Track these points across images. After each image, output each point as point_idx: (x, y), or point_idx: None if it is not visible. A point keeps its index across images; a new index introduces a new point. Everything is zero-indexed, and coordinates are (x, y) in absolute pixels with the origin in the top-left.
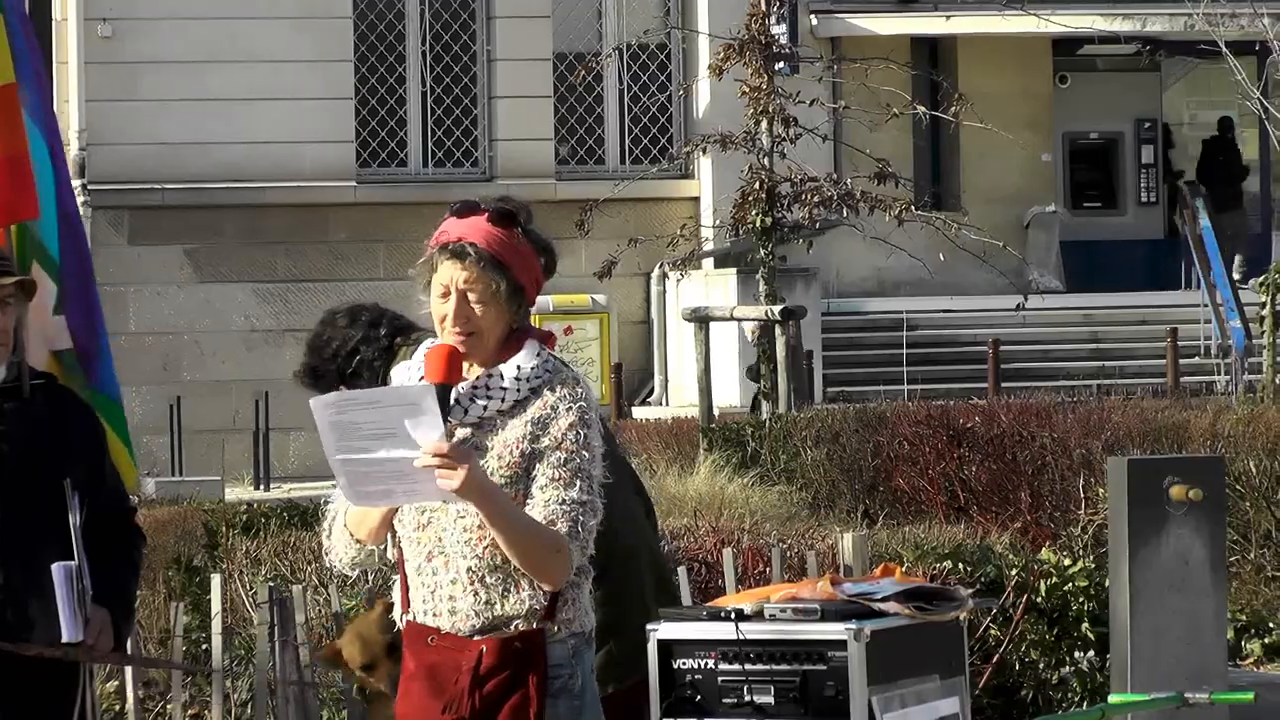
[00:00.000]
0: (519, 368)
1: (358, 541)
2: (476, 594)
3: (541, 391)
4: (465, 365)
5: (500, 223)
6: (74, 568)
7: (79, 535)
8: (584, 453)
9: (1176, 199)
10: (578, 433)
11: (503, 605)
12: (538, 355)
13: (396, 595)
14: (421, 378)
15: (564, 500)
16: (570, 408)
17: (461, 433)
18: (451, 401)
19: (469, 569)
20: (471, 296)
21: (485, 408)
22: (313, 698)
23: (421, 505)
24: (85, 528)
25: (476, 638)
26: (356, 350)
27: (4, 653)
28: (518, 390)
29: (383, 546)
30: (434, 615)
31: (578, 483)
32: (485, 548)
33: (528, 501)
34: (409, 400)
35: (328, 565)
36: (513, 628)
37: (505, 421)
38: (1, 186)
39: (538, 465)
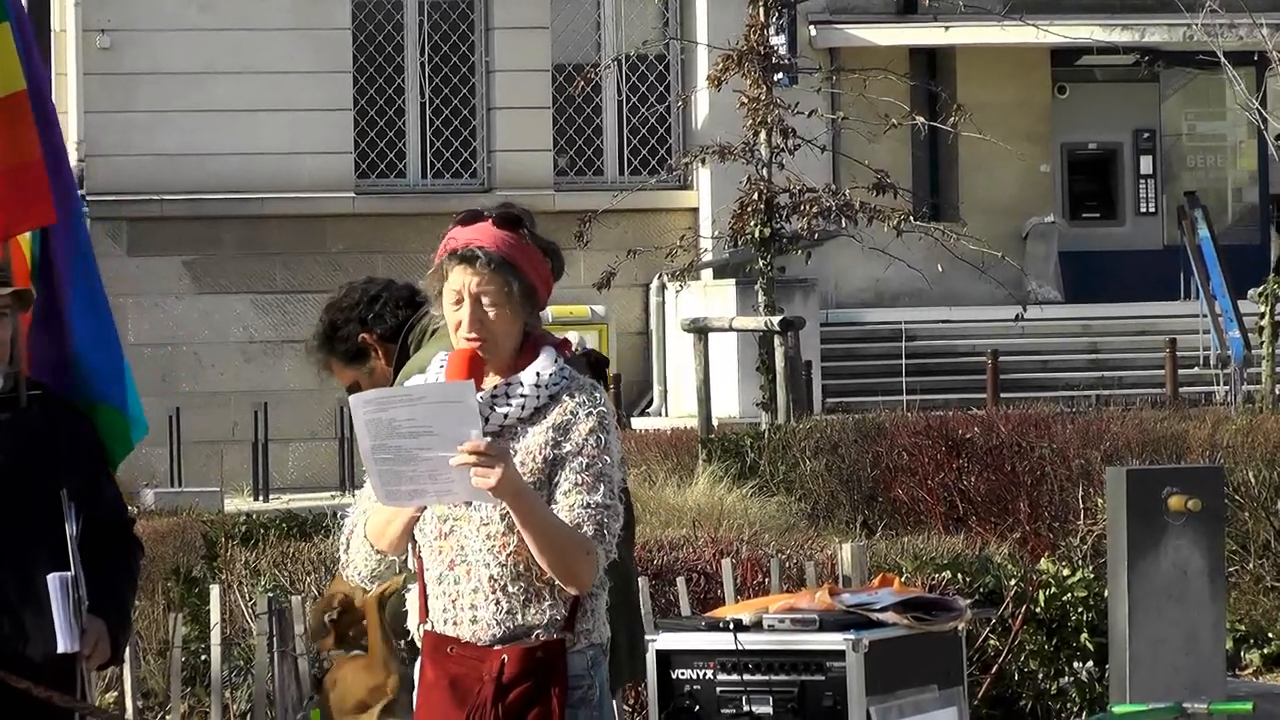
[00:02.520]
0: (539, 374)
1: (378, 552)
2: (498, 603)
3: (560, 398)
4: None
5: (506, 226)
6: (69, 578)
7: (75, 546)
8: (605, 457)
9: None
10: (598, 438)
11: (524, 615)
12: (555, 361)
13: (413, 604)
14: None
15: (588, 505)
16: (590, 413)
17: (487, 437)
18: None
19: (491, 577)
20: (485, 300)
21: (506, 415)
22: (311, 708)
23: (444, 514)
24: (82, 538)
25: (497, 647)
26: (377, 297)
27: (3, 664)
28: (538, 397)
29: (403, 557)
30: (454, 624)
31: (601, 487)
32: (508, 556)
33: (551, 507)
34: (449, 397)
35: (345, 577)
36: (534, 637)
37: (526, 429)
38: (15, 192)
39: (560, 471)
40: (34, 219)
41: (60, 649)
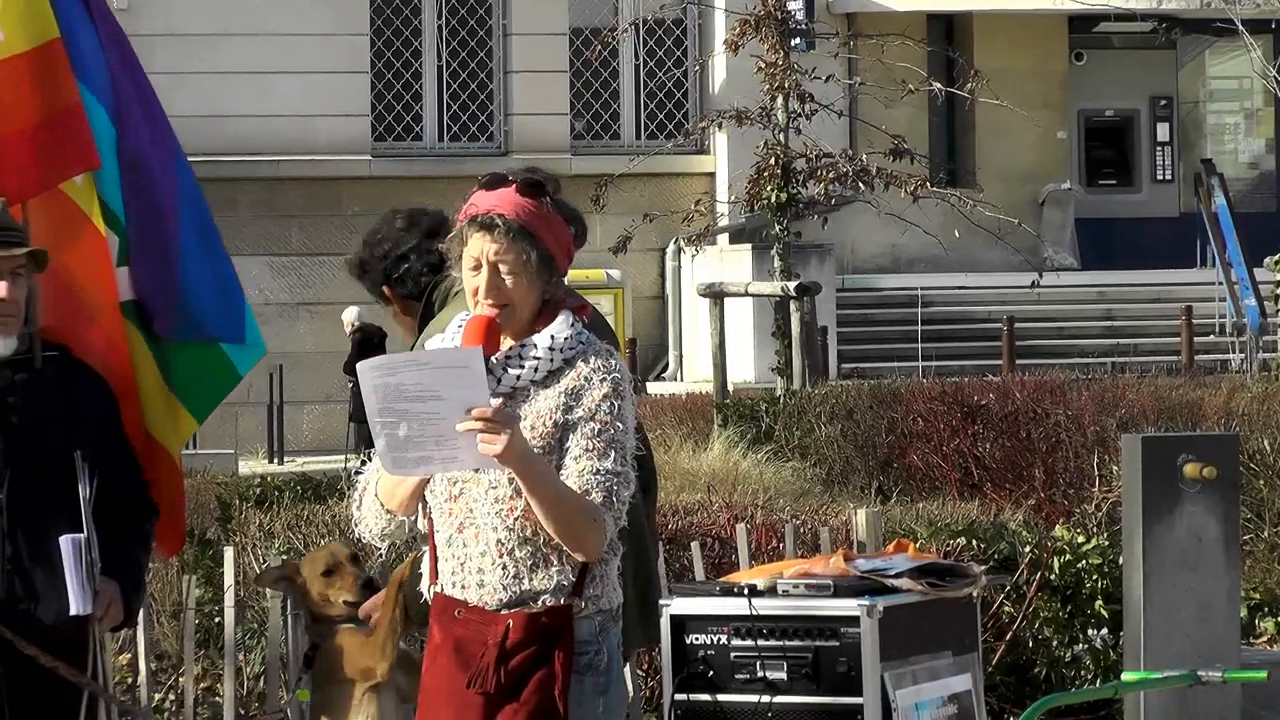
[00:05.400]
0: (553, 338)
1: (388, 512)
2: (505, 567)
3: (575, 362)
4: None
5: (529, 193)
6: (82, 540)
7: (89, 508)
8: (618, 424)
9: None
10: (611, 404)
11: (530, 580)
12: (571, 326)
13: (426, 566)
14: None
15: (598, 471)
16: (604, 379)
17: (494, 403)
18: (486, 372)
19: (498, 541)
20: (502, 268)
21: (518, 378)
22: (301, 688)
23: (454, 476)
24: (96, 501)
25: (504, 612)
26: (406, 257)
27: (15, 626)
28: (551, 361)
29: (413, 518)
30: (462, 588)
31: (611, 454)
32: (516, 520)
33: (561, 473)
34: (456, 362)
35: (357, 536)
36: (540, 603)
37: (538, 392)
38: (56, 140)
39: (571, 436)
40: (78, 165)
41: (73, 611)
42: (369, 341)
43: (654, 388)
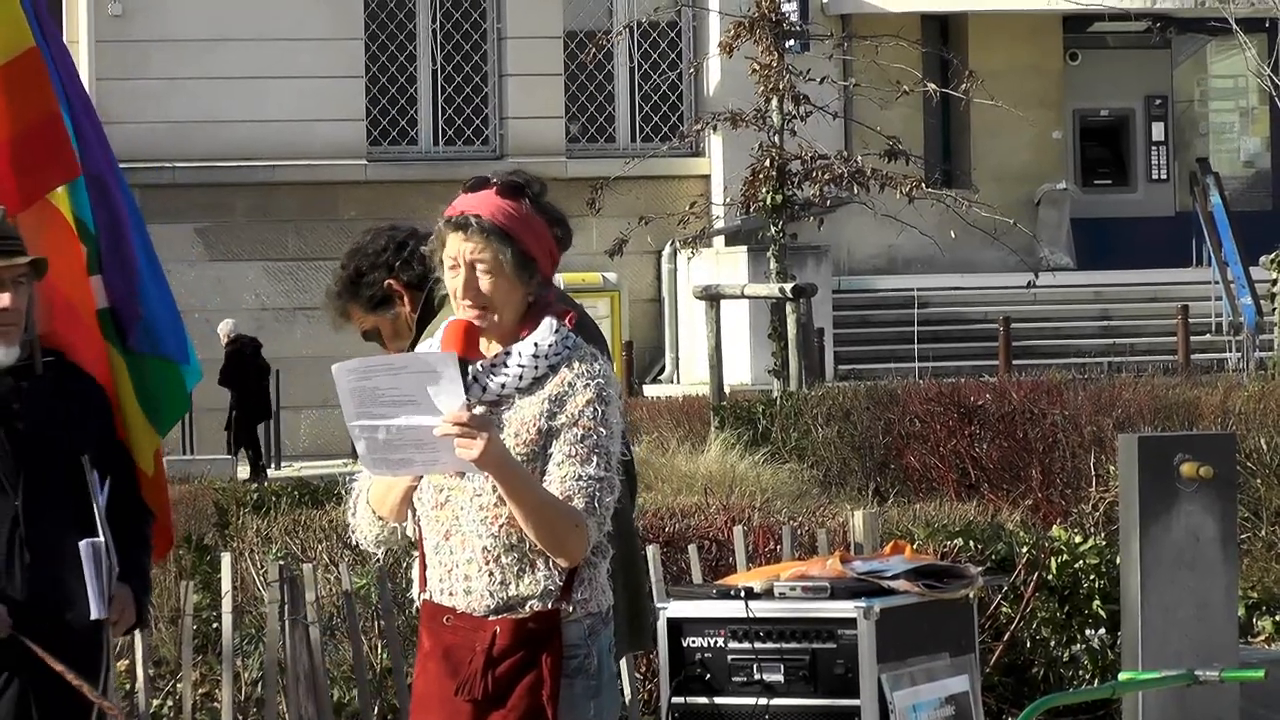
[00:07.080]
0: (536, 345)
1: (380, 519)
2: (491, 574)
3: (560, 369)
4: (485, 342)
5: (508, 194)
6: (101, 544)
7: (103, 512)
8: (601, 429)
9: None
10: (595, 409)
11: (517, 585)
12: (555, 332)
13: (415, 573)
14: None
15: (580, 476)
16: (588, 384)
17: (479, 410)
18: (469, 378)
19: (484, 548)
20: (479, 267)
21: (503, 385)
22: (323, 676)
23: (440, 484)
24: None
25: (491, 618)
26: (405, 244)
27: (33, 630)
28: (535, 368)
29: (405, 524)
30: (450, 595)
31: (594, 459)
32: (501, 527)
33: (544, 479)
34: (430, 367)
35: (353, 543)
36: (527, 608)
37: (522, 399)
38: (39, 151)
39: (554, 442)
40: (60, 174)
41: (93, 615)
42: (241, 354)
43: (651, 390)
